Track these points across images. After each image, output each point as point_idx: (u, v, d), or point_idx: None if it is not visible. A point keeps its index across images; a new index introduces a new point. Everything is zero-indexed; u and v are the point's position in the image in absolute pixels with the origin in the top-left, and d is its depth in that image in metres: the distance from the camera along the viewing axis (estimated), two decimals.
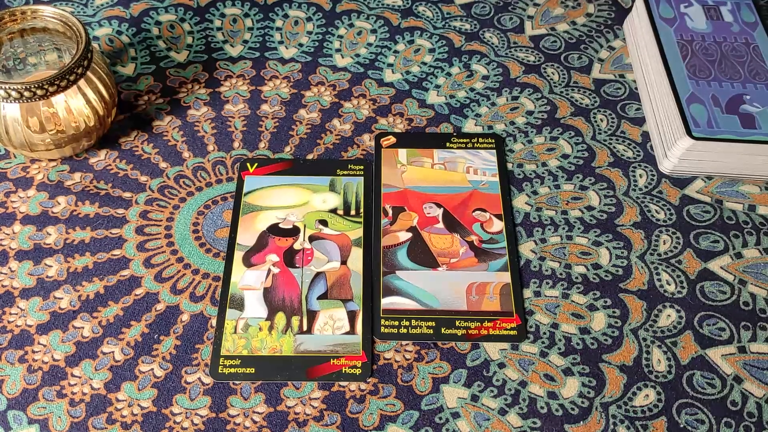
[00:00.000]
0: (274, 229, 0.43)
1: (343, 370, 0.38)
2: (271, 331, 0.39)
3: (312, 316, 0.40)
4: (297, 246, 0.42)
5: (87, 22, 0.55)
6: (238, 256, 0.42)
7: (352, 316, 0.40)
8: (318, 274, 0.41)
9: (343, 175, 0.45)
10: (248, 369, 0.38)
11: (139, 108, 0.50)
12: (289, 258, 0.42)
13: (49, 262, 0.43)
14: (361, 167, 0.45)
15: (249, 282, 0.40)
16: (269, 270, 0.41)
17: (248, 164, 0.45)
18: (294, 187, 0.44)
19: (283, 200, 0.44)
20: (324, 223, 0.43)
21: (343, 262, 0.42)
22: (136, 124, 0.50)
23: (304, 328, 0.39)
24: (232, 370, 0.38)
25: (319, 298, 0.40)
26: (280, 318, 0.40)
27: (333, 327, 0.39)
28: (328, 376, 0.38)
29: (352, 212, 0.44)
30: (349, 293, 0.41)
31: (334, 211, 0.44)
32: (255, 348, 0.39)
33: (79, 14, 0.56)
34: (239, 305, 0.40)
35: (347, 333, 0.39)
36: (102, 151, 0.48)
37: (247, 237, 0.42)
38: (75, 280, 0.42)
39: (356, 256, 0.42)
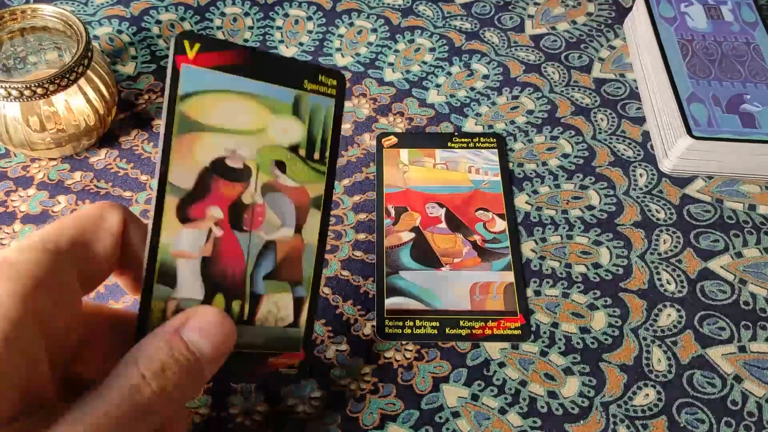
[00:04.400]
0: (220, 168, 0.28)
1: (280, 369, 0.32)
2: None
3: (255, 301, 0.30)
4: (246, 198, 0.29)
5: (87, 21, 0.55)
6: (170, 202, 0.27)
7: (298, 304, 0.31)
8: (268, 243, 0.30)
9: (312, 91, 0.30)
10: None
11: (139, 107, 0.50)
12: (236, 215, 0.29)
13: None
14: (334, 82, 0.31)
15: (184, 246, 0.28)
16: (210, 231, 0.28)
17: (186, 42, 0.27)
18: (249, 99, 0.29)
19: (234, 120, 0.28)
20: (281, 166, 0.30)
21: (298, 230, 0.31)
22: (136, 123, 0.49)
23: (245, 316, 0.30)
24: None
25: (266, 277, 0.30)
26: (219, 301, 0.29)
27: (276, 317, 0.31)
28: (261, 374, 0.34)
29: (316, 154, 0.31)
30: (298, 274, 0.31)
31: (295, 148, 0.30)
32: None
33: (80, 13, 0.56)
34: (170, 279, 0.27)
35: (290, 325, 0.31)
36: (102, 150, 0.48)
37: (183, 174, 0.27)
38: None
39: (313, 223, 0.31)
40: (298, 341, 0.31)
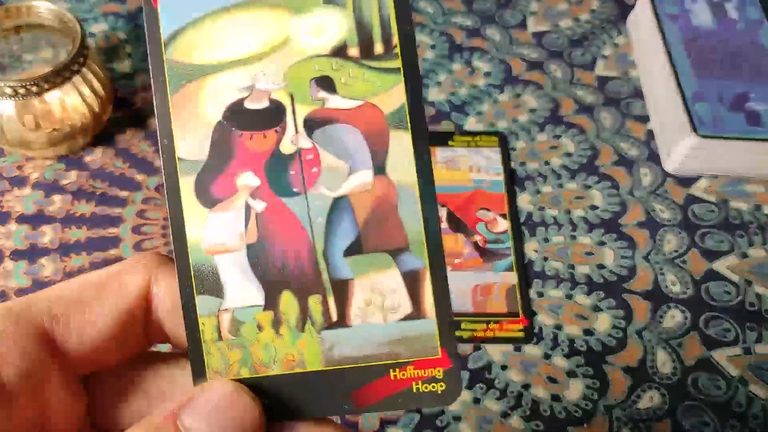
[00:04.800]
0: (239, 115, 0.20)
1: (414, 387, 0.21)
2: (279, 329, 0.21)
3: (342, 291, 0.21)
4: (285, 146, 0.21)
5: (83, 18, 0.54)
6: (186, 185, 0.20)
7: (413, 280, 0.21)
8: (337, 202, 0.21)
9: None
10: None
11: (135, 105, 0.50)
12: (278, 174, 0.21)
13: (45, 262, 0.42)
14: None
15: (219, 237, 0.21)
16: (248, 207, 0.21)
17: None
18: (254, 5, 0.20)
19: (241, 43, 0.20)
20: (327, 83, 0.20)
21: (379, 169, 0.21)
22: (132, 121, 0.49)
23: (333, 316, 0.21)
24: None
25: (348, 252, 0.21)
26: (288, 302, 0.21)
27: (383, 308, 0.21)
28: (389, 401, 0.21)
29: (377, 47, 0.20)
30: (400, 235, 0.21)
31: (341, 50, 0.20)
32: (259, 363, 0.21)
33: (75, 10, 0.55)
34: (214, 286, 0.20)
35: (409, 317, 0.21)
36: (98, 148, 0.47)
37: (192, 141, 0.20)
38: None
39: (402, 152, 0.20)
40: (432, 338, 0.21)
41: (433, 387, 0.20)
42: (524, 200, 0.46)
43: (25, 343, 0.18)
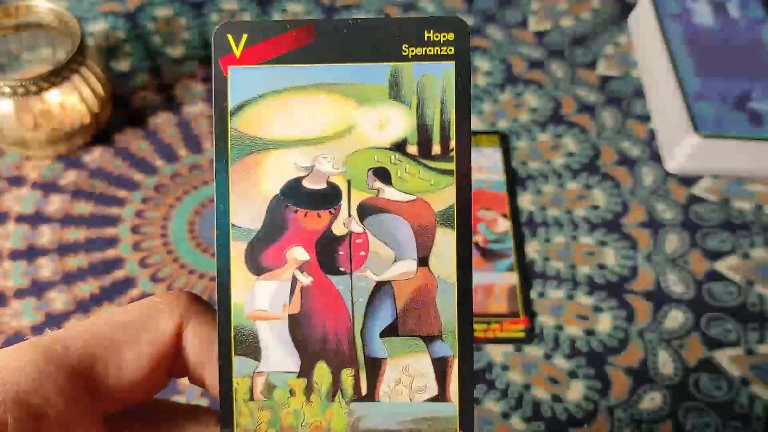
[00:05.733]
0: (297, 193, 0.22)
1: None
2: (311, 396, 0.23)
3: (375, 368, 0.23)
4: (338, 228, 0.22)
5: (82, 17, 0.54)
6: (237, 251, 0.22)
7: (441, 367, 0.23)
8: (380, 286, 0.23)
9: (416, 58, 0.21)
10: None
11: (134, 105, 0.49)
12: (328, 253, 0.22)
13: (43, 262, 0.42)
14: (451, 36, 0.22)
15: (263, 304, 0.22)
16: (294, 279, 0.22)
17: (230, 37, 0.21)
18: (323, 90, 0.21)
19: (307, 125, 0.22)
20: (384, 175, 0.22)
21: (423, 262, 0.22)
22: (131, 121, 0.49)
23: (363, 390, 0.23)
24: None
25: (385, 334, 0.23)
26: (322, 372, 0.23)
27: (410, 388, 0.23)
28: None
29: (435, 148, 0.22)
30: (434, 324, 0.23)
31: (401, 146, 0.22)
32: (287, 426, 0.23)
33: (74, 10, 0.55)
34: (252, 349, 0.22)
35: (434, 399, 0.23)
36: (97, 148, 0.47)
37: (247, 210, 0.22)
38: (69, 280, 0.42)
39: (445, 248, 0.22)
40: (452, 421, 0.22)
41: None
42: (525, 200, 0.46)
43: (67, 385, 0.18)
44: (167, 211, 0.45)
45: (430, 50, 0.22)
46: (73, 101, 0.43)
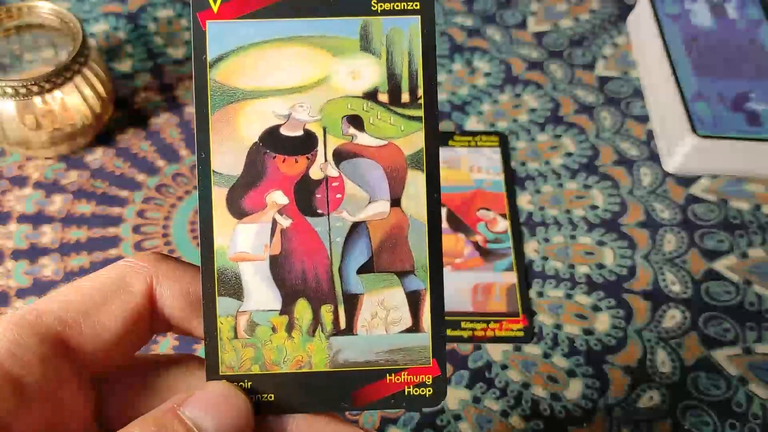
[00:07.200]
0: (275, 140, 0.23)
1: (406, 390, 0.24)
2: (292, 332, 0.24)
3: (352, 303, 0.24)
4: (315, 172, 0.24)
5: (83, 18, 0.54)
6: (218, 195, 0.23)
7: (414, 299, 0.24)
8: (355, 226, 0.24)
9: (385, 12, 0.23)
10: (265, 395, 0.24)
11: (136, 105, 0.50)
12: (305, 196, 0.24)
13: (45, 262, 0.42)
14: None
15: (245, 246, 0.23)
16: (274, 222, 0.23)
17: None
18: (298, 43, 0.23)
19: (283, 75, 0.23)
20: (357, 122, 0.24)
21: (395, 202, 0.24)
22: (133, 121, 0.49)
23: (342, 324, 0.24)
24: None
25: (361, 270, 0.24)
26: (303, 309, 0.24)
27: (386, 321, 0.24)
28: (383, 401, 0.24)
29: (404, 96, 0.23)
30: (407, 259, 0.24)
31: (372, 94, 0.23)
32: (270, 362, 0.24)
33: (76, 10, 0.55)
34: (235, 289, 0.23)
35: (409, 330, 0.24)
36: (98, 148, 0.47)
37: (228, 157, 0.23)
38: (71, 279, 0.42)
39: (416, 189, 0.24)
40: (425, 349, 0.24)
41: (422, 391, 0.24)
42: (524, 200, 0.46)
43: (43, 350, 0.19)
44: (169, 211, 0.45)
45: (397, 5, 0.23)
46: (74, 102, 0.43)
